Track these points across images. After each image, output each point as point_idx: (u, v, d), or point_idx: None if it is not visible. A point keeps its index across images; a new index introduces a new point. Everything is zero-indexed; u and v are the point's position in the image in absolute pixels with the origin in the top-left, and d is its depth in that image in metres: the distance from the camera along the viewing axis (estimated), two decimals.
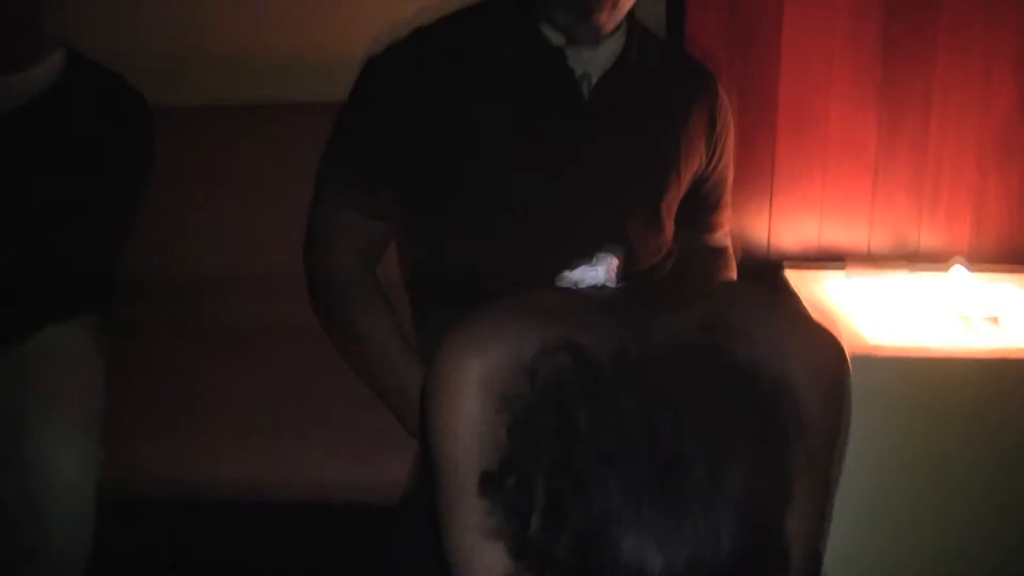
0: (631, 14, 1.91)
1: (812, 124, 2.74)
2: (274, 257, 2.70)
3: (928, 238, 2.78)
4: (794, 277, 2.66)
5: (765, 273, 2.74)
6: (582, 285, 1.56)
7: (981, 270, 2.59)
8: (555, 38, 1.88)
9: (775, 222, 2.79)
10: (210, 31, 2.90)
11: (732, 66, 2.72)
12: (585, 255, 1.65)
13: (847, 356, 1.36)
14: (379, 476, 2.20)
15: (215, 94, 2.85)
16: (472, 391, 1.25)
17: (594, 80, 1.90)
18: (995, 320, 2.39)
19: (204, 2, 2.88)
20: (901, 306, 2.49)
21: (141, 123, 2.41)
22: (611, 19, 1.83)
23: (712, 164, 2.06)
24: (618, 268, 1.62)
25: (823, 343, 1.34)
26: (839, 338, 1.37)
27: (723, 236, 2.21)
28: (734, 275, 2.23)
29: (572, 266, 1.60)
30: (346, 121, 1.98)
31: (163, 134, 2.58)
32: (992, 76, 2.71)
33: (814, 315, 2.36)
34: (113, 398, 2.32)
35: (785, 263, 2.77)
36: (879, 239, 2.79)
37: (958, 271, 2.52)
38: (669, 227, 2.00)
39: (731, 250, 2.24)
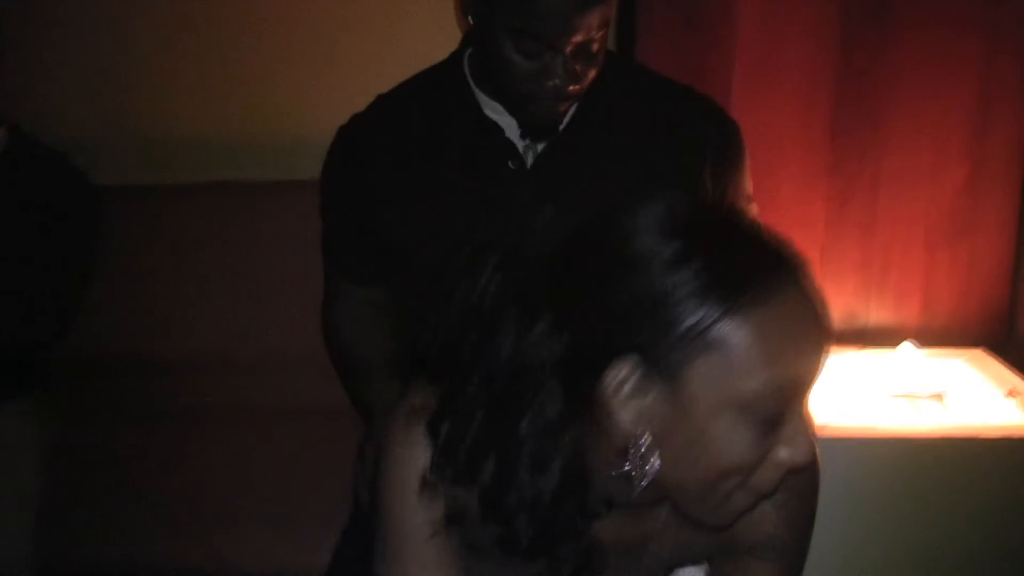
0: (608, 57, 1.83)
1: (761, 201, 2.73)
2: (247, 338, 2.74)
3: (877, 316, 2.79)
4: None
5: None
6: None
7: (930, 348, 2.61)
8: (491, 110, 1.85)
9: None
10: (196, 112, 2.91)
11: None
12: None
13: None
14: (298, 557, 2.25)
15: (192, 173, 2.86)
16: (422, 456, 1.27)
17: (540, 147, 1.85)
18: (940, 398, 2.39)
19: (188, 84, 2.89)
20: (848, 385, 2.49)
21: (83, 202, 2.39)
22: (571, 107, 1.81)
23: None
24: None
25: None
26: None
27: None
28: None
29: None
30: (322, 190, 2.01)
31: (134, 212, 2.60)
32: (940, 156, 2.73)
33: None
34: (62, 482, 2.30)
35: None
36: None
37: (906, 349, 2.52)
38: None
39: None
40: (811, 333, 1.12)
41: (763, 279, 1.10)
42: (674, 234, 1.11)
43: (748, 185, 2.05)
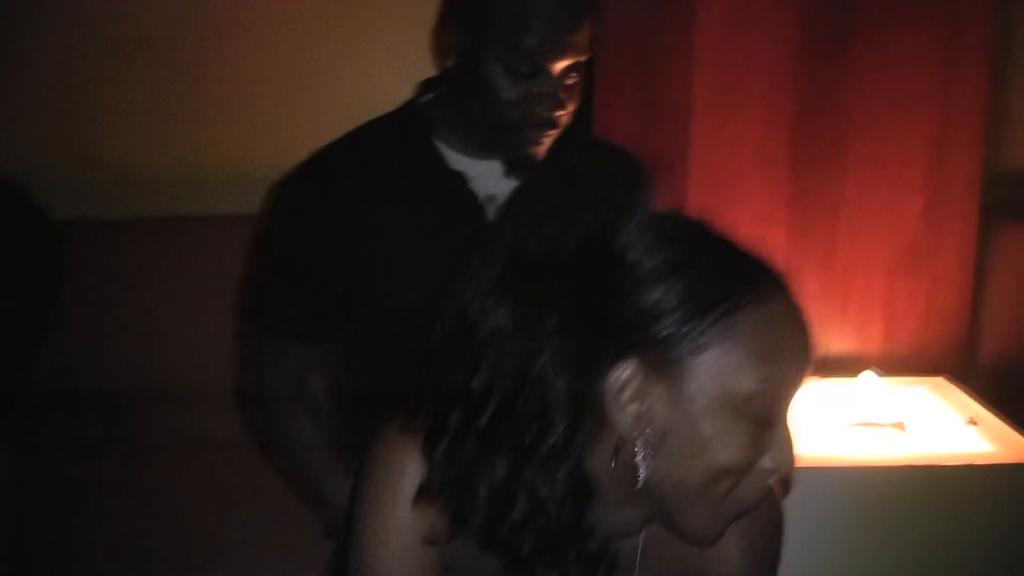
0: None
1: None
2: (209, 369, 2.71)
3: (838, 345, 2.79)
4: None
5: None
6: None
7: (892, 377, 2.61)
8: (454, 160, 1.85)
9: None
10: (145, 146, 2.89)
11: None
12: None
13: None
14: None
15: (145, 207, 2.84)
16: (406, 494, 1.28)
17: (500, 200, 1.86)
18: (902, 427, 2.39)
19: (132, 118, 2.87)
20: (810, 414, 2.49)
21: (42, 238, 2.35)
22: (549, 144, 1.82)
23: None
24: None
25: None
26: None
27: None
28: None
29: None
30: (264, 247, 1.97)
31: (92, 246, 2.58)
32: (901, 186, 2.75)
33: None
34: (24, 515, 2.27)
35: None
36: None
37: (868, 378, 2.52)
38: None
39: None
40: (798, 335, 1.22)
41: (752, 284, 1.21)
42: (668, 244, 1.20)
43: None
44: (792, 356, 1.20)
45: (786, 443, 1.22)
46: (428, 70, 2.02)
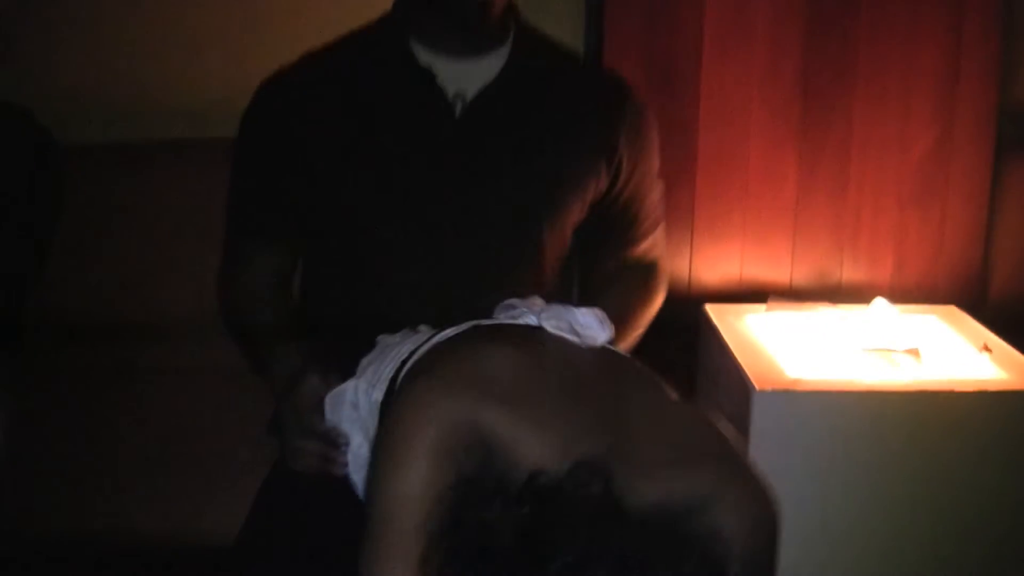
0: (520, 25, 1.91)
1: (732, 163, 2.74)
2: (194, 300, 2.69)
3: (850, 273, 2.79)
4: (715, 313, 2.64)
5: (686, 309, 2.71)
6: (578, 331, 1.51)
7: (902, 305, 2.61)
8: (424, 56, 1.87)
9: (696, 259, 2.79)
10: (166, 71, 2.87)
11: (651, 108, 2.70)
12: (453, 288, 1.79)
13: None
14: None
15: (159, 131, 2.82)
16: (426, 451, 1.24)
17: (469, 98, 1.87)
18: (916, 353, 2.39)
19: (157, 41, 2.85)
20: (822, 341, 2.49)
21: (47, 160, 2.34)
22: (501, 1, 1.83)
23: (620, 182, 1.99)
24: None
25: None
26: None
27: (648, 250, 2.09)
28: (662, 289, 2.11)
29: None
30: (241, 147, 1.98)
31: (101, 171, 2.57)
32: (911, 116, 2.74)
33: (736, 353, 2.38)
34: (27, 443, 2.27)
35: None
36: (801, 275, 2.79)
37: (879, 305, 2.53)
38: (552, 253, 1.96)
39: (661, 264, 2.12)
40: None
41: None
42: None
43: (656, 164, 2.09)
44: None
45: None
46: None
